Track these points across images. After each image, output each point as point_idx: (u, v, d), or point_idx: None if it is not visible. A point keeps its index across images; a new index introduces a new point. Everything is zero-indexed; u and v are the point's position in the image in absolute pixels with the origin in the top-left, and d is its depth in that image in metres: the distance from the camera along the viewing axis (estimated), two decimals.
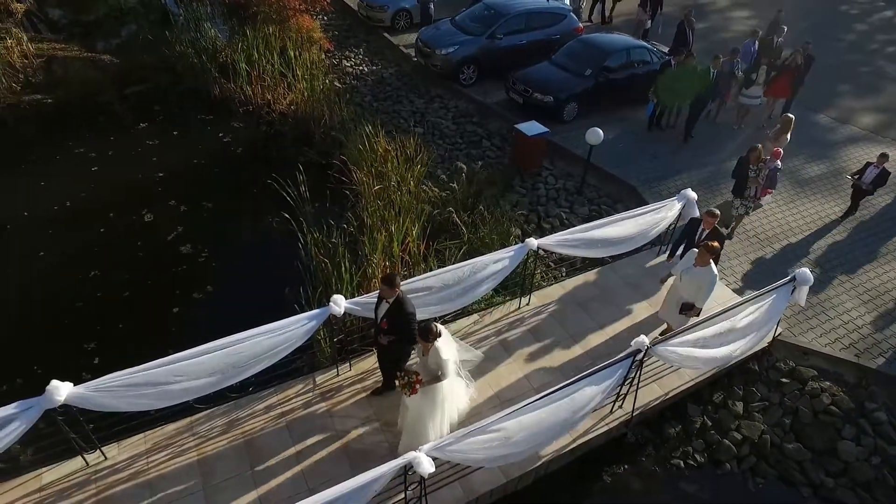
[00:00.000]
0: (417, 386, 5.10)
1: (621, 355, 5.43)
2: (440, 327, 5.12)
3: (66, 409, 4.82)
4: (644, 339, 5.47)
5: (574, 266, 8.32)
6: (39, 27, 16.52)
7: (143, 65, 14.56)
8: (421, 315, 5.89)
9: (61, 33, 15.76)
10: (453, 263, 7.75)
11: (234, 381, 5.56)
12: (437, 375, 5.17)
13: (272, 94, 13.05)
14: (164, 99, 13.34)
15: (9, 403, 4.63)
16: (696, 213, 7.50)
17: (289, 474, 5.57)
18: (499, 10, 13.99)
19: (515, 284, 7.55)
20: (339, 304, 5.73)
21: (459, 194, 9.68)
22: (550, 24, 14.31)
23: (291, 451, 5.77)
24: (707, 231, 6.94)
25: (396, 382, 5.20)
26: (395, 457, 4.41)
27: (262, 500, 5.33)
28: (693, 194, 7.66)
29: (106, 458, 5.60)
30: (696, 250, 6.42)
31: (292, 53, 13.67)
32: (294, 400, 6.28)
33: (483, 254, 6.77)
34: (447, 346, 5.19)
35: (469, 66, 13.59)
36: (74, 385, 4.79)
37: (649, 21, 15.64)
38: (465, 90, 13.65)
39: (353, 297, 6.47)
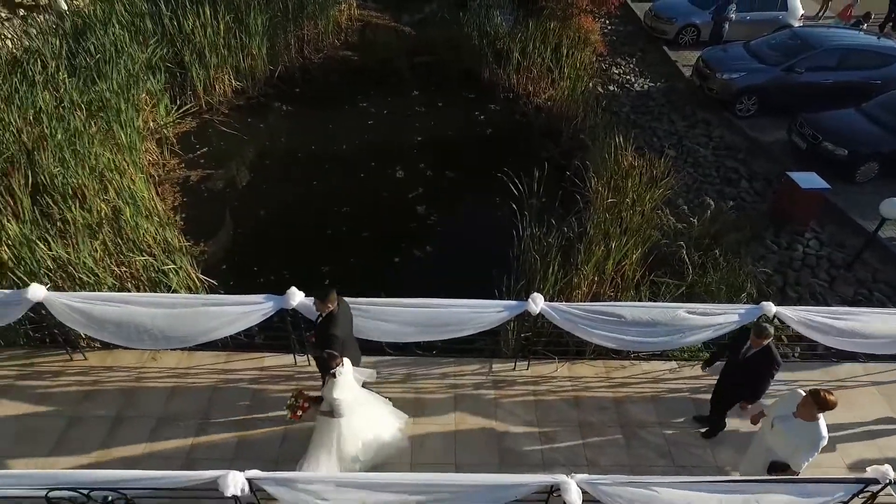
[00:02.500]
0: (300, 413, 4.89)
1: (849, 477, 4.42)
2: (345, 365, 4.81)
3: (294, 313, 5.76)
4: (887, 471, 4.35)
5: (813, 349, 7.00)
6: None
7: (433, 40, 16.21)
8: (607, 344, 5.67)
9: (380, 3, 18.33)
10: (665, 301, 7.20)
11: (423, 339, 6.03)
12: (331, 410, 4.84)
13: (535, 86, 13.43)
14: (441, 73, 14.69)
15: (258, 293, 5.73)
16: None
17: (441, 441, 5.85)
18: (808, 42, 12.17)
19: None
20: (537, 303, 5.73)
21: (696, 231, 8.82)
22: (872, 67, 11.97)
23: (451, 421, 6.04)
24: (754, 350, 5.20)
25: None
26: (540, 471, 4.30)
27: (413, 450, 5.69)
28: None
29: (309, 364, 6.56)
30: (801, 393, 4.69)
31: (565, 51, 13.83)
32: (467, 377, 6.53)
33: (703, 301, 6.09)
34: (344, 386, 4.77)
35: (750, 97, 12.15)
36: (306, 296, 5.70)
37: None
38: (737, 122, 12.27)
39: (552, 300, 6.42)
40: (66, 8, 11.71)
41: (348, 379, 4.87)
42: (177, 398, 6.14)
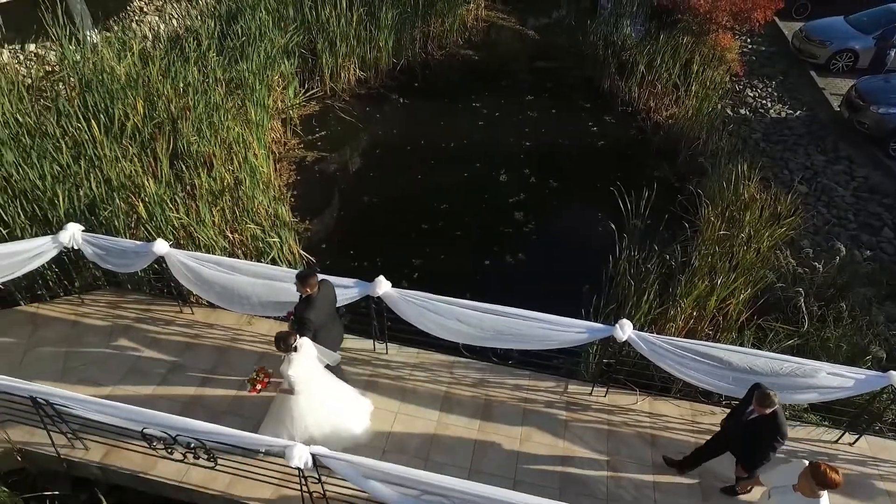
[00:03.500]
0: (259, 388, 5.25)
1: None
2: (303, 344, 4.95)
3: (378, 301, 5.92)
4: None
5: None
6: None
7: (556, 45, 15.93)
8: (698, 385, 5.41)
9: (509, 5, 18.33)
10: (770, 349, 6.58)
11: (499, 346, 5.97)
12: (288, 386, 5.00)
13: (657, 102, 12.77)
14: (559, 79, 14.41)
15: (349, 277, 5.97)
16: None
17: (504, 451, 5.76)
18: None
19: (846, 415, 5.95)
20: (625, 329, 5.46)
21: (820, 278, 7.94)
22: None
23: (517, 434, 5.92)
24: (755, 415, 4.65)
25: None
26: None
27: (475, 457, 5.65)
28: None
29: (386, 352, 6.73)
30: (804, 463, 4.17)
31: (695, 68, 13.00)
32: (541, 393, 6.37)
33: (816, 358, 5.48)
34: (298, 363, 4.88)
35: None
36: (393, 286, 5.84)
37: None
38: (888, 162, 10.89)
39: (642, 329, 6.08)
40: None
41: (304, 357, 4.98)
42: (263, 363, 6.54)
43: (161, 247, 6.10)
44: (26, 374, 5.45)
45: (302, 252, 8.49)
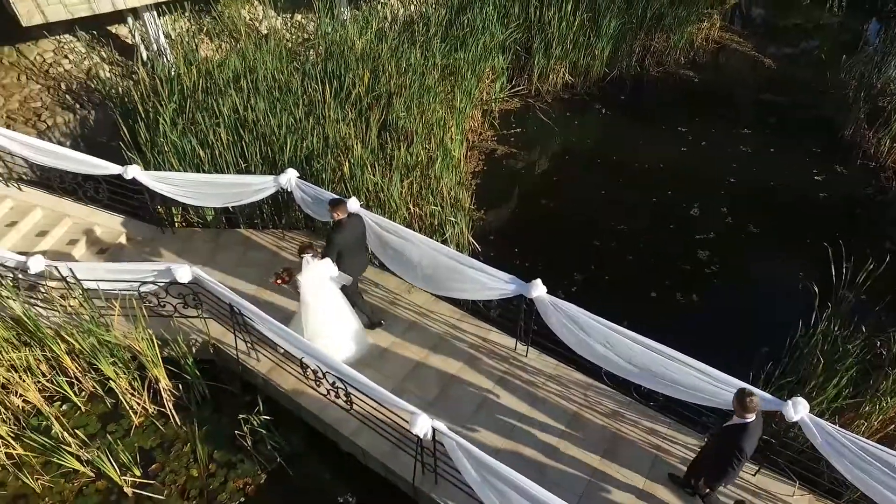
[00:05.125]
0: (279, 281, 6.09)
1: None
2: (317, 261, 5.91)
3: (530, 303, 5.93)
4: None
5: None
6: (734, 19, 17.89)
7: (794, 78, 14.13)
8: None
9: (749, 29, 16.68)
10: None
11: (643, 384, 5.61)
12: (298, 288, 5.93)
13: None
14: (788, 116, 12.78)
15: (509, 273, 6.07)
16: None
17: (621, 495, 5.42)
18: None
19: None
20: (798, 410, 4.76)
21: None
22: None
23: (639, 481, 5.53)
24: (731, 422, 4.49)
25: None
26: None
27: (588, 488, 5.43)
28: None
29: (526, 355, 6.72)
30: None
31: None
32: (678, 447, 5.84)
33: None
34: (307, 272, 5.87)
35: None
36: (548, 292, 5.82)
37: None
38: None
39: (821, 416, 5.24)
40: None
41: (314, 270, 5.90)
42: (410, 332, 6.99)
43: (353, 204, 6.80)
44: (233, 285, 6.52)
45: (471, 239, 8.81)
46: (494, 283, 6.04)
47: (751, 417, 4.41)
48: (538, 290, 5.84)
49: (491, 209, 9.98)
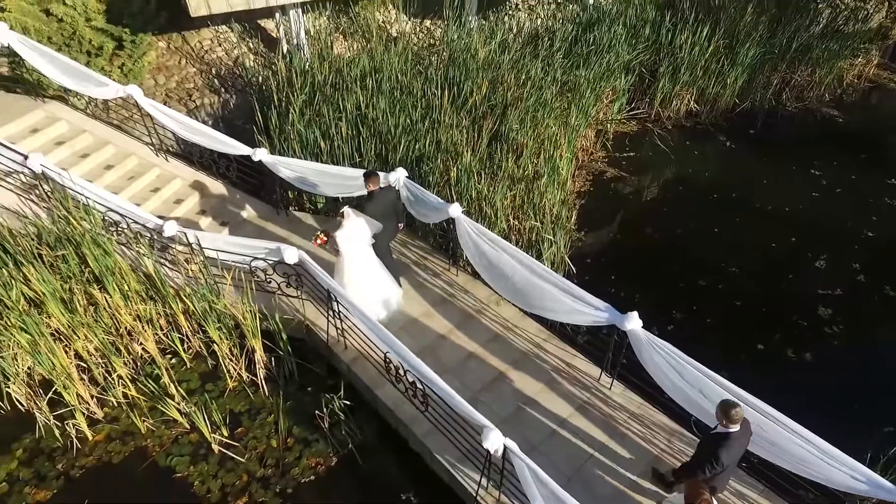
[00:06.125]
0: (317, 242, 6.57)
1: None
2: (355, 216, 6.46)
3: (623, 335, 5.69)
4: None
5: None
6: (895, 56, 16.10)
7: None
8: None
9: None
10: None
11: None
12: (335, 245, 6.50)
13: None
14: None
15: (603, 300, 5.85)
16: None
17: None
18: None
19: None
20: None
21: None
22: None
23: None
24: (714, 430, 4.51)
25: None
26: None
27: None
28: None
29: (610, 388, 6.45)
30: None
31: None
32: None
33: None
34: (344, 229, 6.42)
35: None
36: (643, 327, 5.55)
37: None
38: None
39: None
40: (592, 1, 13.48)
41: (352, 223, 6.44)
42: (493, 344, 6.96)
43: (455, 210, 6.90)
44: (331, 271, 6.86)
45: (567, 258, 8.61)
46: (587, 309, 5.86)
47: (734, 428, 4.44)
48: (633, 322, 5.58)
49: (592, 231, 9.71)
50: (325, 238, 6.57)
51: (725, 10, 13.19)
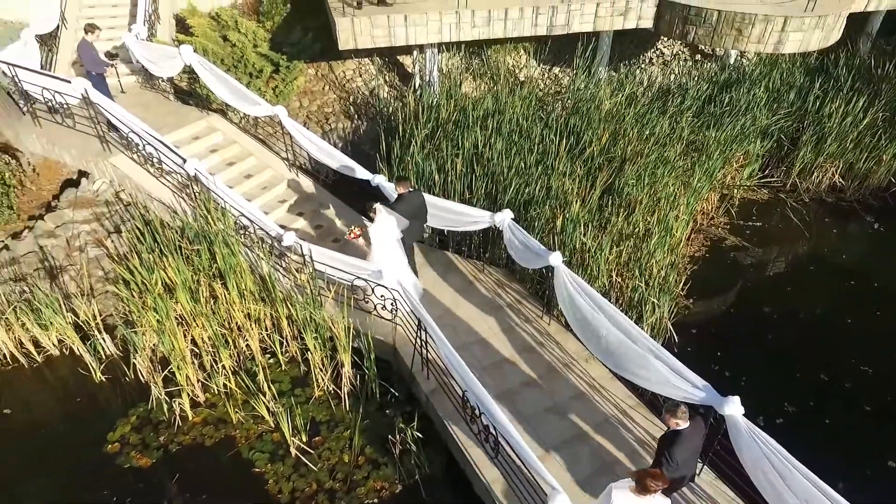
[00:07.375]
0: (351, 236, 7.50)
1: None
2: (383, 215, 7.12)
3: (718, 417, 5.22)
4: None
5: None
6: None
7: None
8: None
9: None
10: None
11: None
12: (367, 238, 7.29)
13: None
14: None
15: (702, 377, 5.45)
16: None
17: None
18: None
19: None
20: None
21: None
22: None
23: None
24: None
25: None
26: None
27: None
28: None
29: (699, 473, 5.93)
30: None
31: None
32: None
33: None
34: (376, 225, 7.16)
35: None
36: (745, 415, 5.06)
37: None
38: None
39: None
40: (733, 60, 12.89)
41: (381, 224, 7.11)
42: (576, 402, 6.71)
43: (556, 259, 6.83)
44: (424, 300, 7.05)
45: (670, 325, 8.13)
46: (682, 384, 5.48)
47: (683, 425, 4.82)
48: (734, 408, 5.12)
49: (701, 300, 9.08)
50: (359, 232, 7.46)
51: (889, 81, 12.01)
